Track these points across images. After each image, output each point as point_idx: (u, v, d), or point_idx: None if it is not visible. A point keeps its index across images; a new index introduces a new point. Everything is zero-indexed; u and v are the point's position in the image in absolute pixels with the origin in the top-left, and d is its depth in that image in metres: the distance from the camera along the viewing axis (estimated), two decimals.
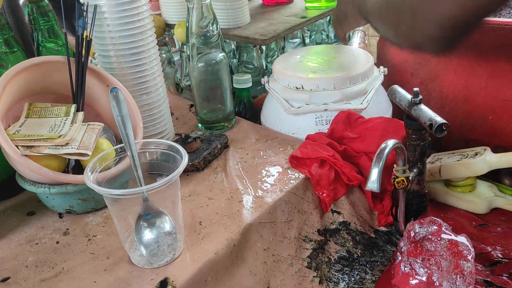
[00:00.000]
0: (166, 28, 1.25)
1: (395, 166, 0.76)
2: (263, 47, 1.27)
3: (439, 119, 0.71)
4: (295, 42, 1.33)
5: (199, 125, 0.98)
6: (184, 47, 1.17)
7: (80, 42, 0.75)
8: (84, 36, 0.75)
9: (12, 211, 0.77)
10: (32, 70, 0.72)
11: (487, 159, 0.83)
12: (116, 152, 0.66)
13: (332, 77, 0.90)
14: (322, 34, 1.36)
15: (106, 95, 0.78)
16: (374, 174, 0.66)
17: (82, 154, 0.68)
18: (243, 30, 1.10)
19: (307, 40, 1.36)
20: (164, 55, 1.25)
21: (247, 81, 1.00)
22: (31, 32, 0.85)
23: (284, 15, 1.18)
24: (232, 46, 1.25)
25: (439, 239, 0.68)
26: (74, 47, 0.76)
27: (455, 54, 0.95)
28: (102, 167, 0.63)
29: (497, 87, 0.91)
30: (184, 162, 0.59)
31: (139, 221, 0.61)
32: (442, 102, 1.00)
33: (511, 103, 0.89)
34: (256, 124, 1.00)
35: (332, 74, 0.91)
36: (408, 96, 0.78)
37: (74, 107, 0.74)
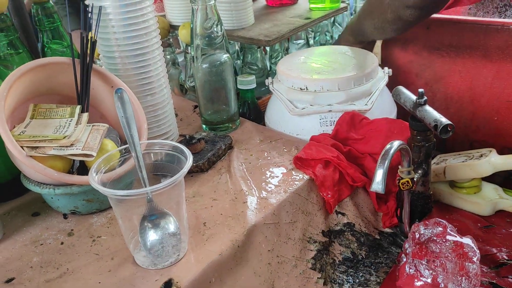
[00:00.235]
0: (170, 30, 1.25)
1: (399, 167, 0.76)
2: (267, 48, 1.27)
3: (444, 120, 0.71)
4: (299, 43, 1.33)
5: (203, 126, 0.98)
6: (188, 48, 1.17)
7: (85, 43, 0.75)
8: (89, 37, 0.75)
9: (17, 212, 0.77)
10: (37, 71, 0.72)
11: (492, 161, 0.82)
12: (120, 153, 0.67)
13: (336, 78, 0.90)
14: (326, 35, 1.36)
15: (110, 96, 0.78)
16: (379, 175, 0.66)
17: (86, 155, 0.68)
18: (247, 31, 1.10)
19: (311, 41, 1.36)
20: (168, 56, 1.26)
21: (251, 82, 1.00)
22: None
23: (288, 16, 1.18)
24: (236, 47, 1.25)
25: (444, 240, 0.68)
26: (78, 44, 0.75)
27: (460, 55, 0.95)
28: (106, 168, 0.63)
29: (502, 88, 0.91)
30: (189, 163, 0.59)
31: (143, 222, 0.61)
32: (447, 103, 1.00)
33: None
34: (260, 125, 1.00)
35: (337, 75, 0.91)
36: (413, 97, 0.78)
37: (79, 108, 0.75)
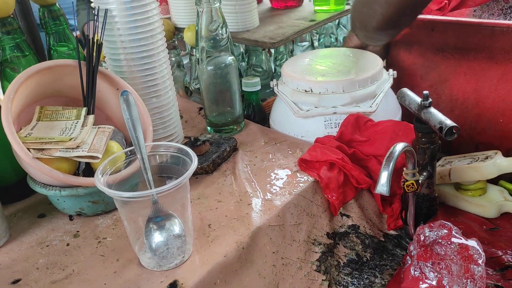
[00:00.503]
0: (175, 32, 1.25)
1: (404, 169, 0.76)
2: (272, 50, 1.27)
3: (449, 122, 0.71)
4: (304, 45, 1.33)
5: (208, 128, 0.98)
6: (193, 50, 1.18)
7: (91, 46, 0.76)
8: (95, 40, 0.76)
9: (23, 213, 0.77)
10: (43, 74, 0.73)
11: (497, 163, 0.82)
12: (126, 155, 0.67)
13: (341, 80, 0.90)
14: (331, 37, 1.36)
15: (116, 98, 0.79)
16: (384, 177, 0.66)
17: (92, 157, 0.69)
18: (252, 33, 1.11)
19: (316, 43, 1.36)
20: (173, 59, 1.26)
21: (256, 84, 1.00)
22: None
23: (293, 18, 1.18)
24: (241, 50, 1.25)
25: (449, 243, 0.68)
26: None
27: (465, 57, 0.95)
28: (112, 169, 0.63)
29: (507, 90, 0.90)
30: (194, 165, 0.60)
31: (148, 223, 0.62)
32: (452, 105, 1.00)
33: None
34: (265, 127, 1.00)
35: (341, 77, 0.91)
36: (418, 99, 0.77)
37: (84, 110, 0.75)
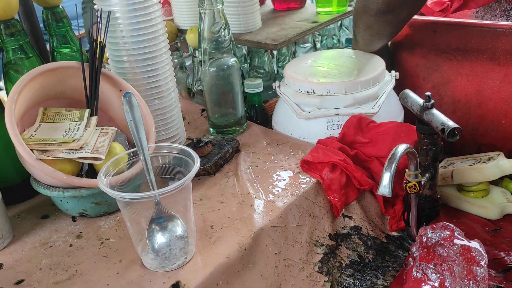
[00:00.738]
0: (178, 34, 1.26)
1: (407, 170, 0.76)
2: (274, 52, 1.28)
3: (451, 124, 0.71)
4: (306, 47, 1.34)
5: (211, 129, 0.99)
6: (196, 52, 1.18)
7: (94, 48, 0.76)
8: (98, 42, 0.76)
9: (26, 214, 0.78)
10: (47, 76, 0.73)
11: (500, 164, 0.82)
12: (129, 156, 0.67)
13: (343, 81, 0.90)
14: (333, 38, 1.36)
15: (119, 100, 0.79)
16: (386, 179, 0.66)
17: (95, 158, 0.69)
18: (254, 35, 1.11)
19: (318, 45, 1.37)
20: (176, 60, 1.26)
21: (258, 85, 1.00)
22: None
23: (295, 20, 1.19)
24: (244, 51, 1.26)
25: (451, 244, 0.68)
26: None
27: (467, 58, 0.95)
28: (115, 171, 0.64)
29: (510, 91, 0.90)
30: (196, 166, 0.60)
31: (151, 224, 0.62)
32: (454, 107, 1.00)
33: None
34: (267, 128, 1.00)
35: (343, 79, 0.91)
36: (420, 101, 0.77)
37: (87, 111, 0.75)
